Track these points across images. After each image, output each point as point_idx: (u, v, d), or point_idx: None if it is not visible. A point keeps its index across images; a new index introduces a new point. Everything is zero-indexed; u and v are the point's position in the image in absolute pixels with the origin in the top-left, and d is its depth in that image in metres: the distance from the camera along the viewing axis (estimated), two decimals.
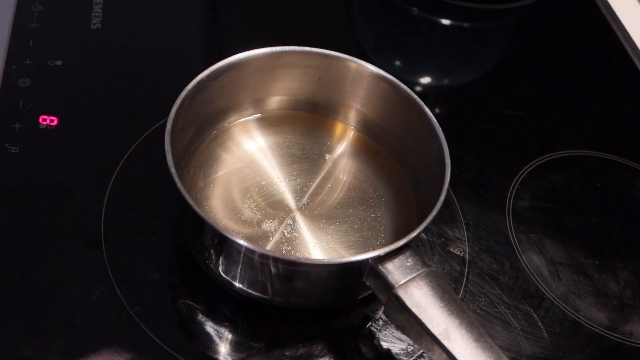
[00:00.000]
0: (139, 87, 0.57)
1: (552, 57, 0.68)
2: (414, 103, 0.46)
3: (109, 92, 0.56)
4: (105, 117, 0.54)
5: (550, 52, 0.69)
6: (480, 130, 0.60)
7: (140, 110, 0.55)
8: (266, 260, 0.38)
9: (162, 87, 0.57)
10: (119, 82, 0.57)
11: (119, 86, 0.57)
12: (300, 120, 0.52)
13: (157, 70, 0.59)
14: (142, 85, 0.57)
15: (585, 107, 0.63)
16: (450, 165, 0.42)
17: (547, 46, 0.69)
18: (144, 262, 0.44)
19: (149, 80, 0.58)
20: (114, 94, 0.56)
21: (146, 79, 0.58)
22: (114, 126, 0.53)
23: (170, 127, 0.40)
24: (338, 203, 0.47)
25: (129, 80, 0.58)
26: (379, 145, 0.51)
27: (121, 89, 0.57)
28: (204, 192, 0.46)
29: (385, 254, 0.37)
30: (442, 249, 0.49)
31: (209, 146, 0.49)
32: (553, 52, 0.68)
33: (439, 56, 0.68)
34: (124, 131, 0.53)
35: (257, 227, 0.45)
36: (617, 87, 0.66)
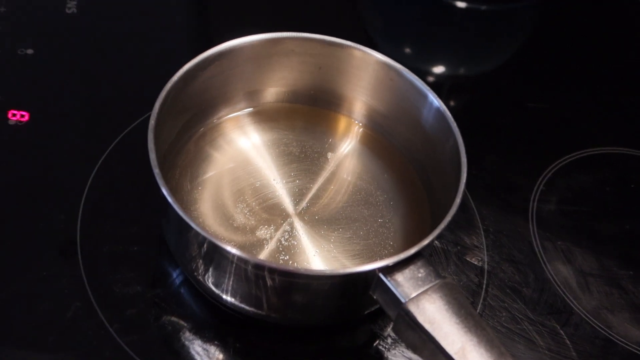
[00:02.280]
0: (120, 79, 0.57)
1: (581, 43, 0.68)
2: (425, 95, 0.46)
3: (85, 84, 0.56)
4: (81, 112, 0.54)
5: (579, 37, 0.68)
6: (500, 126, 0.60)
7: (120, 104, 0.55)
8: (261, 271, 0.38)
9: (145, 78, 0.57)
10: (97, 73, 0.57)
11: (97, 78, 0.57)
12: (299, 114, 0.52)
13: (140, 60, 0.59)
14: (123, 77, 0.57)
15: (618, 99, 0.63)
16: (466, 165, 0.42)
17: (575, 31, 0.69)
18: (124, 273, 0.44)
19: (131, 70, 0.58)
20: (92, 86, 0.56)
21: (127, 70, 0.58)
22: (91, 122, 0.53)
23: (153, 122, 0.40)
24: (341, 207, 0.47)
25: (108, 71, 0.58)
26: (387, 142, 0.51)
27: (99, 80, 0.57)
28: (192, 195, 0.46)
29: (395, 264, 0.37)
30: (458, 258, 0.49)
31: (198, 144, 0.49)
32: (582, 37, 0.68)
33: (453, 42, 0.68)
34: (103, 127, 0.53)
35: (250, 234, 0.45)
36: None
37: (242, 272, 0.38)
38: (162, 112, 0.42)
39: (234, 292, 0.40)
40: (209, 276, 0.41)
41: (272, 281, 0.38)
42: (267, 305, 0.40)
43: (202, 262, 0.40)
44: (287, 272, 0.38)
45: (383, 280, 0.37)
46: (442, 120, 0.45)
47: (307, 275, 0.38)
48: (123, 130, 0.52)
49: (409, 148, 0.50)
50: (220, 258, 0.38)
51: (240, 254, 0.37)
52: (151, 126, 0.40)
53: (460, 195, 0.40)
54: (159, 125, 0.41)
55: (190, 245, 0.40)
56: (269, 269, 0.37)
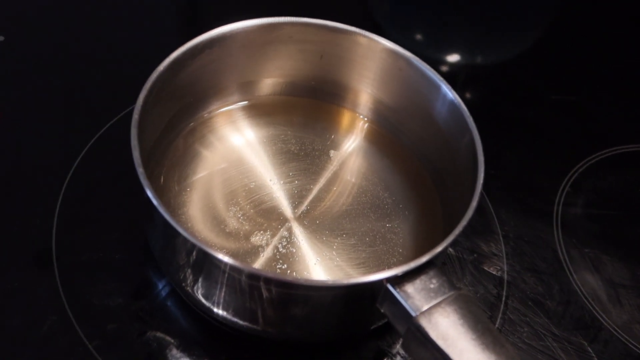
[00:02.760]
0: (100, 69, 0.57)
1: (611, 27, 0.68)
2: (438, 87, 0.46)
3: (62, 75, 0.56)
4: (57, 106, 0.54)
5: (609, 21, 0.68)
6: (521, 120, 0.60)
7: (101, 97, 0.55)
8: (256, 281, 0.38)
9: (127, 67, 0.57)
10: (74, 63, 0.57)
11: (74, 67, 0.57)
12: (298, 108, 0.53)
13: (122, 48, 0.59)
14: (104, 66, 0.58)
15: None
16: (484, 164, 0.42)
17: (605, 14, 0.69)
18: (105, 284, 0.45)
19: (112, 59, 0.58)
20: (69, 78, 0.56)
21: (108, 59, 0.58)
22: (68, 116, 0.53)
23: (137, 117, 0.40)
24: (345, 211, 0.47)
25: (87, 60, 0.58)
26: (395, 139, 0.51)
27: (78, 71, 0.57)
28: (180, 197, 0.46)
29: (404, 273, 0.37)
30: (474, 267, 0.49)
31: (186, 140, 0.49)
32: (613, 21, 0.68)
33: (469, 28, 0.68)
34: (81, 122, 0.53)
35: (244, 241, 0.45)
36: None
37: (235, 282, 0.38)
38: (147, 106, 0.42)
39: (226, 305, 0.41)
40: (199, 287, 0.41)
41: (268, 293, 0.38)
42: (262, 320, 0.40)
43: (190, 271, 0.40)
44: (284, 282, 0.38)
45: (391, 292, 0.37)
46: (456, 114, 0.45)
47: (307, 286, 0.38)
48: (103, 126, 0.52)
49: (420, 145, 0.50)
50: (211, 267, 0.38)
51: (233, 263, 0.37)
52: (135, 121, 0.40)
53: (477, 198, 0.40)
54: (143, 120, 0.41)
55: (178, 252, 0.40)
56: (264, 279, 0.37)
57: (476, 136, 0.43)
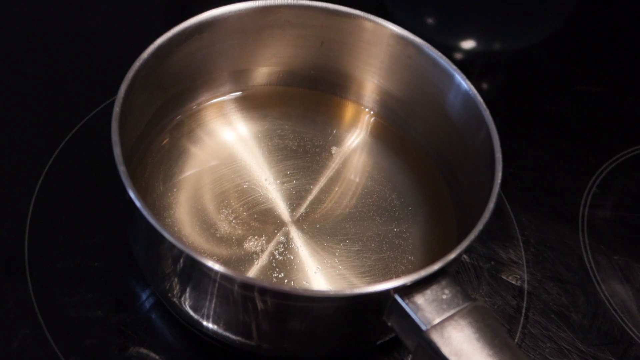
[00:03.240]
0: (77, 56, 0.57)
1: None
2: (451, 76, 0.46)
3: (35, 64, 0.56)
4: (30, 98, 0.54)
5: None
6: (543, 113, 0.60)
7: (78, 88, 0.55)
8: (250, 291, 0.38)
9: (108, 55, 0.57)
10: (48, 50, 0.57)
11: (48, 56, 0.57)
12: (296, 99, 0.53)
13: (103, 33, 0.59)
14: (82, 54, 0.58)
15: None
16: (501, 161, 0.42)
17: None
18: (82, 294, 0.45)
19: (91, 46, 0.58)
20: (43, 67, 0.56)
21: (87, 45, 0.58)
22: (42, 109, 0.53)
23: (118, 110, 0.40)
24: (348, 214, 0.47)
25: (63, 47, 0.58)
26: (404, 134, 0.51)
27: (52, 59, 0.57)
28: (165, 198, 0.46)
29: (413, 283, 0.37)
30: (491, 276, 0.49)
31: (173, 135, 0.49)
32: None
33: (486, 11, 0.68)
34: (57, 116, 0.53)
35: (237, 247, 0.45)
36: None
37: (226, 293, 0.38)
38: (130, 97, 0.42)
39: (216, 318, 0.41)
40: (187, 298, 0.41)
41: (263, 304, 0.38)
42: (257, 334, 0.40)
43: (177, 280, 0.40)
44: (281, 293, 0.38)
45: (399, 303, 0.37)
46: (471, 106, 0.45)
47: (306, 297, 0.38)
48: (81, 119, 0.52)
49: (431, 141, 0.50)
50: (200, 276, 0.39)
51: (224, 271, 0.37)
52: (116, 114, 0.40)
53: (495, 199, 0.40)
54: (125, 113, 0.41)
55: (164, 259, 0.40)
56: (259, 289, 0.37)
57: (493, 131, 0.43)
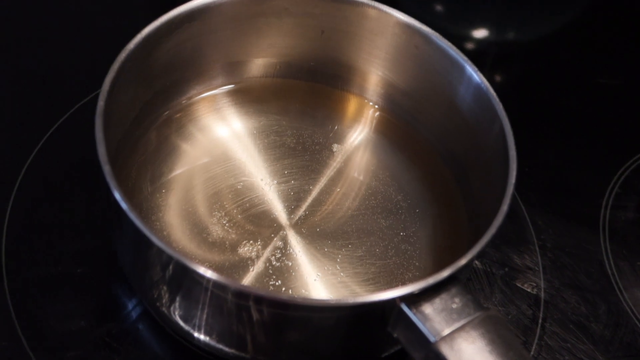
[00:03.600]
0: (58, 48, 0.57)
1: None
2: (462, 68, 0.46)
3: (13, 54, 0.56)
4: (8, 92, 0.54)
5: None
6: (561, 108, 0.60)
7: (59, 81, 0.55)
8: (245, 300, 0.38)
9: (91, 46, 0.57)
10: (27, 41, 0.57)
11: (27, 47, 0.57)
12: (294, 93, 0.53)
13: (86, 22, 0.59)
14: (63, 45, 0.57)
15: None
16: (516, 160, 0.42)
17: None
18: (65, 303, 0.44)
19: (74, 36, 0.58)
20: (22, 58, 0.56)
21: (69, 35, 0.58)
22: (21, 104, 0.53)
23: (103, 104, 0.40)
24: (350, 216, 0.47)
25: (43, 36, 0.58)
26: (411, 131, 0.51)
27: (31, 50, 0.57)
28: (154, 200, 0.46)
29: (421, 291, 0.37)
30: (505, 283, 0.49)
31: (161, 132, 0.49)
32: None
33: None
34: (37, 111, 0.53)
35: (231, 253, 0.45)
36: None
37: (220, 302, 0.38)
38: (115, 91, 0.42)
39: (209, 329, 0.41)
40: (176, 307, 0.41)
41: (259, 314, 0.38)
42: (252, 346, 0.40)
43: (167, 288, 0.40)
44: (279, 301, 0.38)
45: (406, 313, 0.37)
46: (484, 100, 0.45)
47: (305, 306, 0.38)
48: (62, 115, 0.52)
49: (440, 138, 0.50)
50: (191, 284, 0.39)
51: (217, 279, 0.37)
52: (100, 109, 0.40)
53: (509, 200, 0.40)
54: (110, 108, 0.41)
55: (152, 266, 0.40)
56: (255, 298, 0.37)
57: (507, 127, 0.43)
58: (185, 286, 0.39)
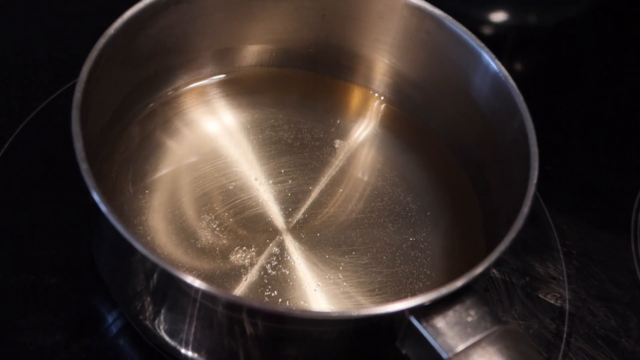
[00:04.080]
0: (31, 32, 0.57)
1: None
2: (478, 55, 0.46)
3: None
4: None
5: None
6: (588, 100, 0.60)
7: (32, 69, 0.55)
8: (237, 313, 0.38)
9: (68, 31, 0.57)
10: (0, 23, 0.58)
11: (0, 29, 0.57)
12: (292, 84, 0.53)
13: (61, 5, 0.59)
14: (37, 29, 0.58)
15: None
16: (538, 157, 0.42)
17: None
18: (38, 316, 0.44)
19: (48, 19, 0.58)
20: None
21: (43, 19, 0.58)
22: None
23: (80, 96, 0.40)
24: (355, 220, 0.47)
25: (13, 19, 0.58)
26: (421, 125, 0.51)
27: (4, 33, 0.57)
28: (136, 202, 0.46)
29: (433, 302, 0.37)
30: (526, 294, 0.49)
31: (145, 127, 0.49)
32: None
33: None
34: (6, 104, 0.53)
35: (222, 260, 0.45)
36: None
37: (209, 314, 0.38)
38: (94, 81, 0.42)
39: (197, 344, 0.41)
40: (161, 321, 0.41)
41: (253, 328, 0.38)
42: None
43: (151, 300, 0.40)
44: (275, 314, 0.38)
45: (416, 327, 0.37)
46: (502, 92, 0.45)
47: (304, 319, 0.38)
48: (35, 108, 0.52)
49: (454, 133, 0.50)
50: (178, 294, 0.39)
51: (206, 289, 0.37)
52: (77, 101, 0.40)
53: (530, 202, 0.40)
54: (88, 100, 0.41)
55: (134, 275, 0.40)
56: (248, 310, 0.37)
57: (528, 121, 0.43)
58: (171, 297, 0.39)
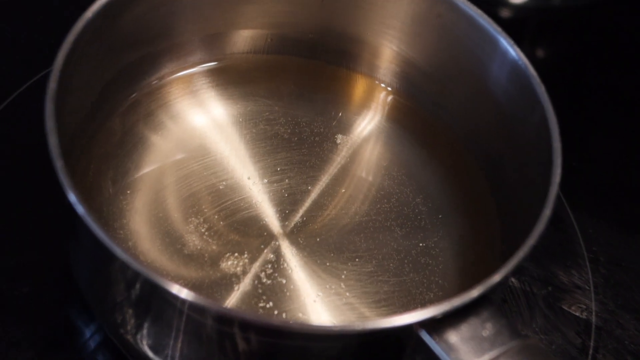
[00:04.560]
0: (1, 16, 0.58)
1: None
2: (495, 41, 0.46)
3: None
4: None
5: None
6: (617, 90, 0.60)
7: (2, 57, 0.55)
8: (228, 326, 0.38)
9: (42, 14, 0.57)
10: None
11: None
12: (289, 72, 0.53)
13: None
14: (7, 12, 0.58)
15: None
16: (561, 153, 0.42)
17: None
18: (8, 330, 0.44)
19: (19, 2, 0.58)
20: None
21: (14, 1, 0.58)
22: None
23: (55, 86, 0.40)
24: (359, 224, 0.48)
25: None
26: (432, 118, 0.51)
27: None
28: (116, 203, 0.46)
29: (445, 315, 0.37)
30: (548, 305, 0.49)
31: (126, 120, 0.49)
32: None
33: None
34: None
35: (211, 268, 0.45)
36: None
37: (198, 328, 0.39)
38: (70, 69, 0.42)
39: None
40: (145, 335, 0.41)
41: (246, 343, 0.38)
42: None
43: (133, 312, 0.40)
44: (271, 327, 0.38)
45: (426, 343, 0.37)
46: (522, 81, 0.45)
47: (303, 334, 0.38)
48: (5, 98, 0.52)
49: (468, 127, 0.50)
50: (163, 305, 0.39)
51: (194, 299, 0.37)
52: (51, 92, 0.40)
53: (552, 204, 0.40)
54: (64, 91, 0.41)
55: (114, 284, 0.40)
56: (241, 323, 0.38)
57: (550, 114, 0.43)
58: (156, 309, 0.39)
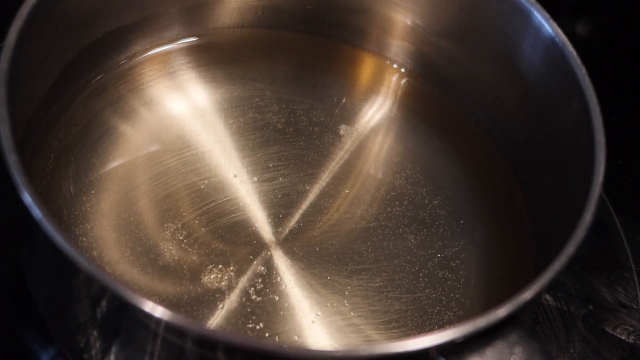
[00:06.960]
0: None
1: None
2: (527, 15, 0.47)
3: None
4: None
5: None
6: None
7: None
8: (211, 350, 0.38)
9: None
10: None
11: None
12: (284, 51, 0.53)
13: None
14: None
15: None
16: (604, 148, 0.42)
17: None
18: None
19: None
20: None
21: None
22: None
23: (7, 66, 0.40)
24: (365, 230, 0.48)
25: None
26: (453, 106, 0.52)
27: None
28: (79, 204, 0.46)
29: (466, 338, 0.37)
30: (588, 327, 0.50)
31: (90, 106, 0.49)
32: None
33: None
34: None
35: (191, 282, 0.45)
36: None
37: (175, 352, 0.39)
38: (24, 46, 0.42)
39: None
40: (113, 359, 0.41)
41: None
42: None
43: (98, 333, 0.40)
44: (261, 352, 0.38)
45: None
46: (558, 63, 0.45)
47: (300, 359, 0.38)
48: None
49: (495, 116, 0.50)
50: (134, 326, 0.39)
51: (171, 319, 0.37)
52: (3, 73, 0.40)
53: (593, 208, 0.40)
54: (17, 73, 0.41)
55: (77, 301, 0.40)
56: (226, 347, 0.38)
57: (592, 101, 0.43)
58: (126, 330, 0.39)
